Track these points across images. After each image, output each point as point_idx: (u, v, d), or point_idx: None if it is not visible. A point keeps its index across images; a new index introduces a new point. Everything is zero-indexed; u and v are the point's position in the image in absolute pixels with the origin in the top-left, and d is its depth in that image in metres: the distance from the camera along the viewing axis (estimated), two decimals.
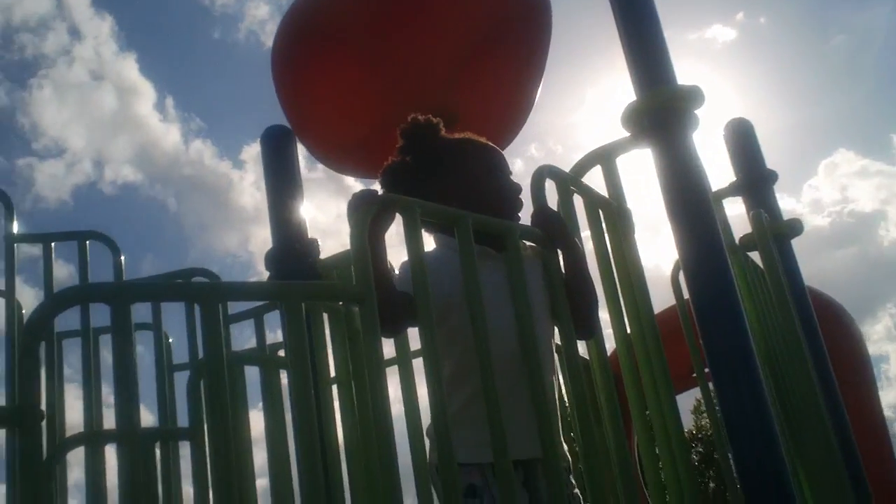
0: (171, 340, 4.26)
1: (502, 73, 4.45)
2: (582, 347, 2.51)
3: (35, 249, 4.22)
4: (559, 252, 2.43)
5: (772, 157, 4.45)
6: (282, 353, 3.41)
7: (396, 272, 2.42)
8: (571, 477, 2.54)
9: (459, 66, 4.30)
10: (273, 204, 3.99)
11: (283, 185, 4.03)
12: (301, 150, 4.33)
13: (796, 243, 4.26)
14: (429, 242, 2.65)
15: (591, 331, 2.50)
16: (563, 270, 2.42)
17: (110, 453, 2.73)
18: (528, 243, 2.52)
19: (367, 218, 2.02)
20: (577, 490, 2.47)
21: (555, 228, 2.44)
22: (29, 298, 4.13)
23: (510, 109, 4.46)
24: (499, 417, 1.98)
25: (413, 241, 2.05)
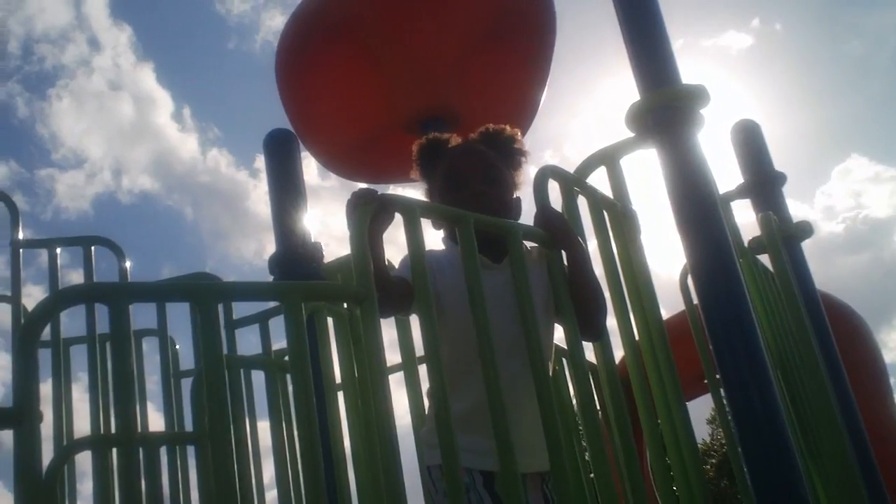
0: (178, 347, 4.27)
1: (506, 72, 4.45)
2: (588, 354, 2.48)
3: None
4: (563, 252, 2.41)
5: (785, 164, 4.42)
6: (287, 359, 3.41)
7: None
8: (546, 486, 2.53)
9: (463, 65, 4.30)
10: (276, 207, 3.98)
11: (286, 188, 4.02)
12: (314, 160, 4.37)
13: (809, 249, 4.23)
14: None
15: (597, 333, 2.47)
16: (566, 271, 2.40)
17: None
18: (529, 247, 2.50)
19: (366, 217, 2.01)
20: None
21: (558, 228, 2.42)
22: None
23: (514, 109, 4.45)
24: (505, 426, 1.96)
25: (413, 241, 2.03)
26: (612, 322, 2.55)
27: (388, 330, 3.06)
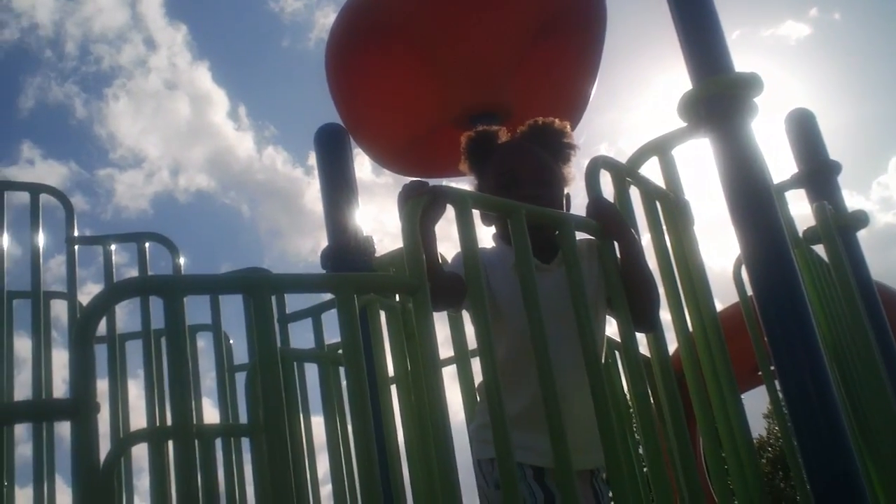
0: (231, 342, 4.32)
1: (557, 67, 4.42)
2: (641, 347, 2.46)
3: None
4: (616, 244, 2.39)
5: (841, 154, 4.35)
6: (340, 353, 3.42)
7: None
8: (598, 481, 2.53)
9: (514, 60, 4.29)
10: (328, 201, 4.00)
11: (337, 182, 4.04)
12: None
13: (865, 241, 4.16)
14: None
15: (651, 325, 2.45)
16: (619, 263, 2.38)
17: None
18: (579, 241, 2.48)
19: (418, 209, 2.00)
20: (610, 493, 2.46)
21: (611, 218, 2.40)
22: None
23: (565, 103, 4.42)
24: (560, 422, 1.95)
25: (465, 232, 2.03)
26: (665, 314, 2.53)
27: (441, 326, 3.07)
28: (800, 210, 4.01)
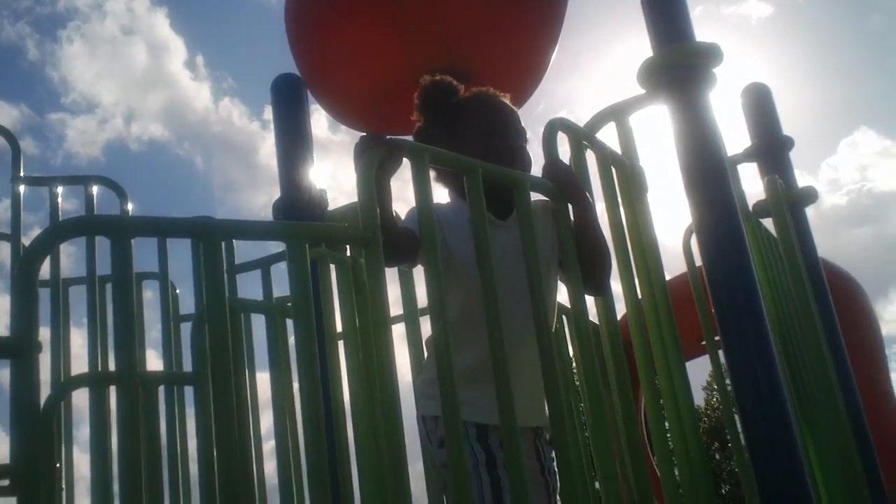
0: (178, 291, 4.27)
1: (519, 30, 4.38)
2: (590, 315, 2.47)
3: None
4: (570, 207, 2.39)
5: (792, 134, 4.37)
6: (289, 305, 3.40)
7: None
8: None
9: (479, 21, 4.24)
10: (282, 152, 3.96)
11: (292, 133, 4.00)
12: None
13: (813, 221, 4.20)
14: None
15: (601, 288, 2.46)
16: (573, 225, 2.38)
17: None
18: (535, 201, 2.48)
19: (374, 162, 1.98)
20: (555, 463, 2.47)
21: (566, 181, 2.40)
22: None
23: (526, 66, 4.40)
24: (507, 380, 1.96)
25: (421, 187, 2.01)
26: (615, 283, 2.54)
27: (392, 286, 3.05)
28: (749, 186, 4.04)
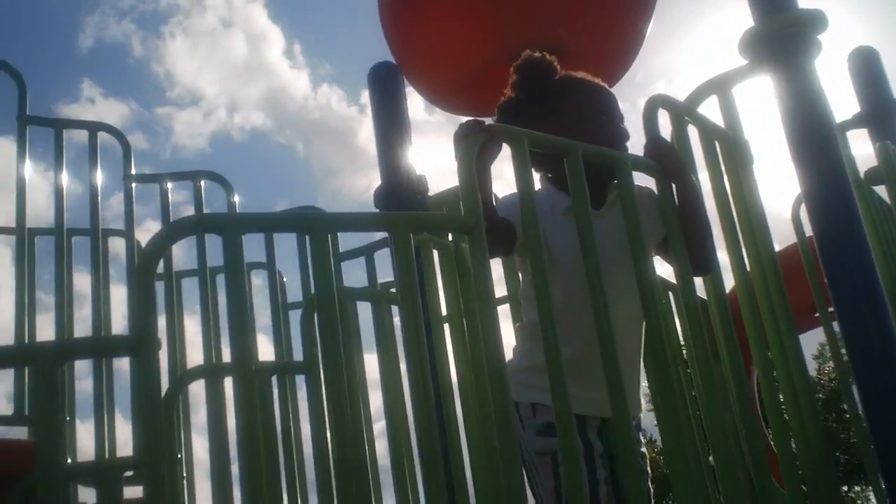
0: (285, 280, 4.36)
1: (612, 3, 4.33)
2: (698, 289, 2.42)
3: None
4: (673, 185, 2.35)
5: None
6: (394, 291, 3.44)
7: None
8: (641, 434, 2.53)
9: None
10: (381, 141, 4.00)
11: (390, 121, 4.03)
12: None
13: None
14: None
15: (707, 266, 2.42)
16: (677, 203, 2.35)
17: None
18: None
19: (474, 148, 1.98)
20: (643, 448, 2.47)
21: (669, 159, 2.36)
22: None
23: (621, 42, 4.34)
24: (618, 373, 1.96)
25: (521, 172, 2.01)
26: (723, 256, 2.50)
27: (495, 266, 3.05)
28: (860, 151, 3.91)
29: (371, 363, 2.89)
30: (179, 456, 3.88)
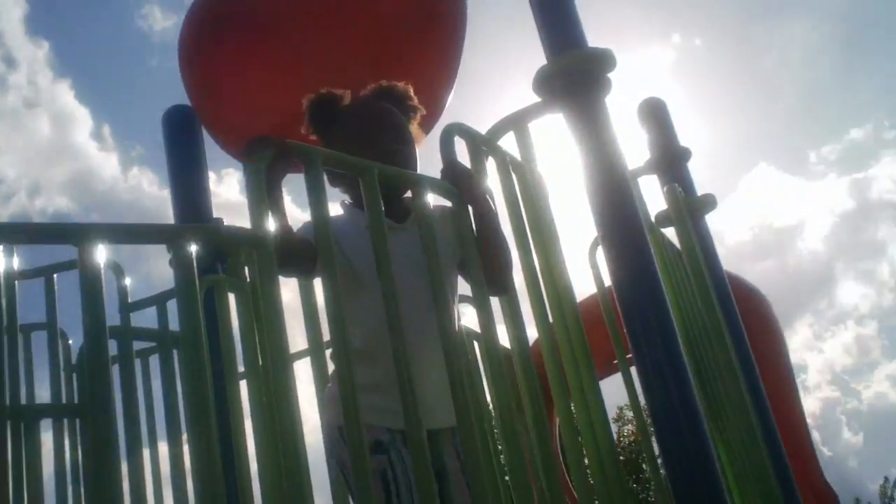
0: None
1: (418, 67, 4.36)
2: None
3: None
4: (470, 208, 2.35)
5: (697, 176, 4.42)
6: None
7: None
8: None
9: (375, 57, 4.21)
10: (176, 186, 3.84)
11: (186, 165, 3.89)
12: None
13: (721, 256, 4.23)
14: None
15: (504, 287, 2.42)
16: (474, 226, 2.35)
17: None
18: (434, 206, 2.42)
19: (263, 164, 1.92)
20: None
21: (465, 182, 2.36)
22: None
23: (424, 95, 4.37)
24: (411, 386, 1.90)
25: (315, 191, 1.92)
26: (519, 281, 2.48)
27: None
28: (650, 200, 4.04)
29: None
30: None
